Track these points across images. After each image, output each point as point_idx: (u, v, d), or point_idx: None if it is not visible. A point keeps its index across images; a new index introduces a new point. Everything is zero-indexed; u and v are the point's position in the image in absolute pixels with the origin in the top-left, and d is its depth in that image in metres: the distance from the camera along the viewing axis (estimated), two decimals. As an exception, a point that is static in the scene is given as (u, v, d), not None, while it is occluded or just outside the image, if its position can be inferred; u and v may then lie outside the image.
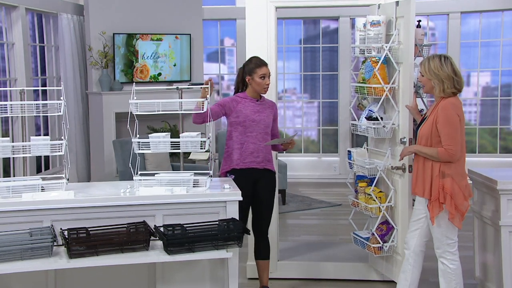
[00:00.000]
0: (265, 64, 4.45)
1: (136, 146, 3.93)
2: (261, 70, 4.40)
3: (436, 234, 4.02)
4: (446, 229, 3.97)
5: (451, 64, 3.93)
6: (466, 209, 3.93)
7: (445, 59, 3.94)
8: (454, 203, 3.89)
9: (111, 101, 8.24)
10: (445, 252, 4.01)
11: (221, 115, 4.46)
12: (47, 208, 3.68)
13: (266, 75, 4.42)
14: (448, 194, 3.89)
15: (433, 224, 3.98)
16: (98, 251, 3.52)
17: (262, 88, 4.43)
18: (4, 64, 7.20)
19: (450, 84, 3.91)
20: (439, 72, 3.91)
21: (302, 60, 9.87)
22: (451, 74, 3.91)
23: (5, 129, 7.17)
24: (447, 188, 3.90)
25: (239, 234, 3.69)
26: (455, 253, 4.02)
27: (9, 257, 3.39)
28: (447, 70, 3.91)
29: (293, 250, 5.48)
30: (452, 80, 3.91)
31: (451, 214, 3.90)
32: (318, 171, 9.62)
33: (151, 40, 8.66)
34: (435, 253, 4.07)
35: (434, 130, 3.93)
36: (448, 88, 3.91)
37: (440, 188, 3.91)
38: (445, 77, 3.91)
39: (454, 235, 4.00)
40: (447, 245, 4.00)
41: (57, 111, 3.81)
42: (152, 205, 3.82)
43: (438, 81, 3.92)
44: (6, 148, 3.74)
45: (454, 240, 4.01)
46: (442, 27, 9.37)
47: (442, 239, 3.99)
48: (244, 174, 4.41)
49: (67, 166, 3.86)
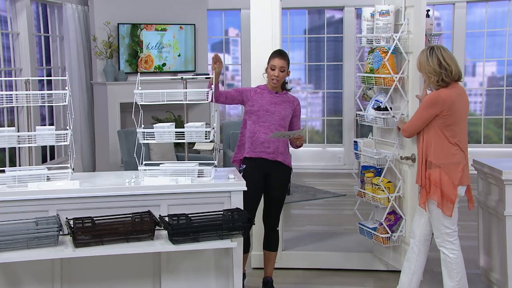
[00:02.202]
0: (279, 56, 4.39)
1: (141, 136, 3.94)
2: (273, 61, 4.39)
3: (434, 223, 4.05)
4: (443, 218, 3.99)
5: (438, 57, 3.91)
6: (455, 197, 3.94)
7: (431, 51, 3.94)
8: (440, 192, 3.93)
9: (116, 91, 8.25)
10: (444, 242, 4.04)
11: (236, 100, 4.44)
12: (53, 197, 3.71)
13: (276, 66, 4.38)
14: (433, 184, 3.94)
15: (426, 211, 4.04)
16: (104, 241, 3.54)
17: (270, 78, 4.41)
18: (9, 54, 7.20)
19: (435, 77, 3.92)
20: (425, 68, 3.95)
21: (306, 51, 9.85)
22: (436, 68, 3.90)
23: (10, 119, 7.18)
24: (432, 178, 3.95)
25: (243, 224, 3.71)
26: (454, 243, 4.04)
27: (15, 245, 3.42)
28: (432, 64, 3.91)
29: (298, 240, 5.50)
30: (437, 74, 3.91)
31: (438, 203, 3.95)
32: (322, 161, 9.62)
33: (155, 30, 8.65)
34: (435, 242, 4.10)
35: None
36: (433, 82, 3.94)
37: (427, 177, 3.98)
38: (430, 71, 3.93)
39: (451, 224, 4.01)
40: (446, 234, 4.02)
41: (62, 101, 3.81)
42: (157, 195, 3.85)
43: (426, 76, 3.98)
44: (12, 138, 3.75)
45: (452, 229, 4.03)
46: (448, 16, 9.31)
47: (440, 228, 4.02)
48: (255, 164, 4.40)
49: (72, 156, 3.87)
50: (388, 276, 4.88)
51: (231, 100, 4.43)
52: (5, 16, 7.15)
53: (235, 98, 4.43)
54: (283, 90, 4.51)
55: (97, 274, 3.88)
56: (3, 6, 7.11)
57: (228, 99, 4.41)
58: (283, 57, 4.40)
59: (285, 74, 4.43)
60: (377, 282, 4.82)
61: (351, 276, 4.94)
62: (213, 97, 4.07)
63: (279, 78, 4.40)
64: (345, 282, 4.82)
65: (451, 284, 4.06)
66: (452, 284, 4.06)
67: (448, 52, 3.97)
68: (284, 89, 4.52)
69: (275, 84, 4.42)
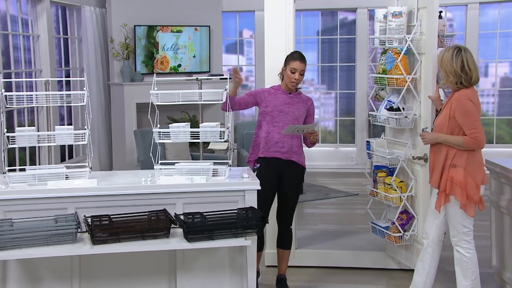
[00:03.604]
0: (300, 59, 4.41)
1: (157, 136, 3.98)
2: (294, 63, 4.40)
3: (452, 223, 4.03)
4: (461, 218, 3.98)
5: (462, 60, 3.88)
6: (478, 198, 3.94)
7: (458, 52, 3.89)
8: (465, 193, 3.91)
9: (132, 91, 8.34)
10: (461, 241, 4.02)
11: (251, 104, 4.49)
12: (71, 195, 3.76)
13: (297, 70, 4.39)
14: (458, 185, 3.90)
15: (439, 212, 4.03)
16: (121, 238, 3.59)
17: (290, 81, 4.41)
18: (30, 55, 7.33)
19: (454, 79, 3.90)
20: (447, 66, 3.90)
21: (319, 52, 9.88)
22: (458, 71, 3.87)
23: (30, 119, 7.30)
24: (457, 180, 3.91)
25: (257, 223, 3.73)
26: (470, 242, 4.03)
27: (36, 242, 3.48)
28: (454, 66, 3.87)
29: (311, 238, 5.52)
30: (457, 76, 3.89)
31: (462, 204, 3.93)
32: (335, 161, 9.64)
33: (171, 32, 8.73)
34: (451, 241, 4.08)
35: (452, 122, 3.93)
36: (452, 83, 3.91)
37: (448, 179, 3.94)
38: (451, 71, 3.89)
39: (469, 223, 4.01)
40: (463, 234, 4.01)
41: (80, 101, 3.87)
42: (172, 194, 3.88)
43: (445, 74, 3.94)
44: (32, 137, 3.82)
45: (470, 229, 4.02)
46: (461, 17, 9.28)
47: (458, 228, 4.01)
48: (269, 163, 4.43)
49: (90, 155, 3.93)
50: (401, 275, 4.89)
51: (245, 105, 4.47)
52: (26, 18, 7.27)
53: (249, 102, 4.47)
54: (296, 90, 4.55)
55: (114, 270, 3.93)
56: (25, 9, 7.24)
57: (242, 106, 4.45)
58: (303, 60, 4.43)
59: (303, 77, 4.48)
60: (389, 280, 4.83)
61: (364, 275, 4.96)
62: (229, 107, 4.13)
63: (299, 81, 4.44)
64: (357, 281, 4.84)
65: (466, 283, 4.04)
66: (466, 283, 4.04)
67: (473, 57, 3.94)
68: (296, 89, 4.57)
69: (294, 86, 4.46)
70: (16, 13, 7.08)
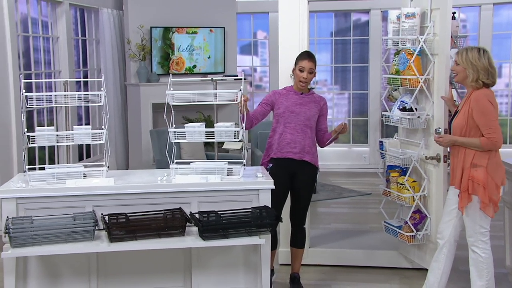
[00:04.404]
0: (308, 58, 4.43)
1: (173, 136, 4.03)
2: (302, 62, 4.43)
3: (469, 223, 4.02)
4: (479, 218, 3.98)
5: (489, 58, 3.95)
6: (498, 199, 3.95)
7: (483, 51, 3.96)
8: (488, 194, 3.91)
9: (148, 92, 8.42)
10: (477, 241, 4.02)
11: (267, 112, 4.51)
12: (89, 194, 3.81)
13: (305, 68, 4.42)
14: (481, 185, 3.90)
15: (463, 214, 4.01)
16: (137, 236, 3.64)
17: (298, 80, 4.44)
18: (49, 57, 7.46)
19: (485, 75, 3.92)
20: (476, 63, 3.92)
21: (333, 52, 9.91)
22: (487, 66, 3.92)
23: (50, 119, 7.41)
24: (479, 179, 3.91)
25: (271, 221, 3.77)
26: (487, 242, 4.03)
27: (55, 239, 3.56)
28: (484, 62, 3.92)
29: (324, 237, 5.55)
30: (487, 72, 3.93)
31: (483, 204, 3.92)
32: (348, 161, 9.67)
33: (186, 33, 8.81)
34: (467, 241, 4.07)
35: (470, 121, 3.94)
36: (483, 78, 3.92)
37: (470, 179, 3.94)
38: (482, 68, 3.92)
39: (487, 224, 4.01)
40: (480, 234, 4.01)
41: (98, 101, 3.93)
42: (187, 193, 3.92)
43: (473, 71, 3.93)
44: (51, 136, 3.88)
45: (487, 229, 4.02)
46: (474, 18, 9.25)
47: (475, 228, 4.00)
48: (282, 164, 4.46)
49: (107, 154, 3.98)
50: (413, 274, 4.91)
51: (263, 116, 4.50)
52: (46, 21, 7.40)
53: (265, 112, 4.49)
54: (309, 90, 4.58)
55: (131, 268, 3.98)
56: (45, 11, 7.37)
57: (260, 118, 4.47)
58: (311, 59, 4.45)
59: (313, 75, 4.48)
60: (402, 279, 4.85)
61: (377, 273, 4.98)
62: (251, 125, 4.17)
63: (308, 79, 4.45)
64: (370, 279, 4.87)
65: (481, 283, 4.04)
66: (481, 283, 4.04)
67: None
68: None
69: (303, 85, 4.47)
70: (37, 16, 7.21)
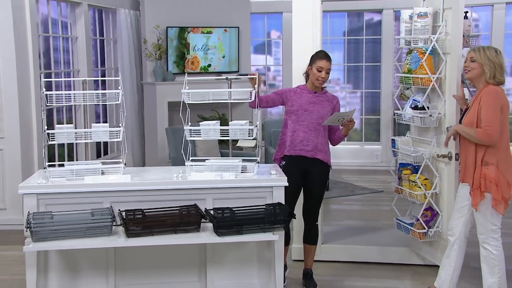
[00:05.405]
0: (327, 58, 4.48)
1: (188, 134, 4.09)
2: (321, 62, 4.47)
3: (480, 220, 4.05)
4: (491, 216, 4.00)
5: (502, 57, 4.06)
6: (510, 197, 3.97)
7: (499, 51, 4.07)
8: (500, 191, 3.94)
9: (164, 91, 8.51)
10: (488, 238, 4.04)
11: (277, 102, 4.57)
12: (107, 190, 3.90)
13: (324, 68, 4.46)
14: (493, 183, 3.93)
15: (476, 211, 4.03)
16: (153, 231, 3.72)
17: (316, 79, 4.48)
18: (68, 56, 7.59)
19: (500, 72, 4.01)
20: (494, 60, 4.00)
21: (345, 52, 9.94)
22: (502, 64, 4.02)
23: (68, 117, 7.54)
24: (491, 177, 3.94)
25: (285, 218, 3.82)
26: (498, 239, 4.05)
27: (74, 234, 3.65)
28: (501, 60, 4.02)
29: (337, 234, 5.59)
30: (503, 70, 4.03)
31: (495, 201, 3.95)
32: (360, 158, 9.70)
33: (201, 33, 8.89)
34: (478, 238, 4.09)
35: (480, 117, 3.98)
36: (498, 76, 4.01)
37: (482, 176, 3.97)
38: (498, 65, 4.01)
39: (498, 221, 4.03)
40: (492, 231, 4.03)
41: (115, 100, 4.00)
42: (202, 189, 3.99)
43: (491, 68, 4.00)
44: (70, 134, 3.98)
45: (498, 226, 4.04)
46: (486, 18, 9.19)
47: (487, 225, 4.03)
48: (294, 161, 4.50)
49: (124, 151, 4.05)
50: (425, 270, 4.93)
51: (272, 103, 4.55)
52: (66, 21, 7.54)
53: (276, 100, 4.55)
54: (322, 89, 4.63)
55: (147, 262, 4.06)
56: (65, 12, 7.51)
57: (269, 103, 4.53)
58: (329, 59, 4.50)
59: (329, 75, 4.54)
60: (414, 275, 4.88)
61: (389, 270, 5.01)
62: (257, 105, 4.21)
63: (325, 79, 4.51)
64: (382, 275, 4.90)
65: (492, 280, 4.06)
66: (493, 280, 4.06)
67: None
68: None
69: (320, 84, 4.52)
70: (57, 17, 7.35)
